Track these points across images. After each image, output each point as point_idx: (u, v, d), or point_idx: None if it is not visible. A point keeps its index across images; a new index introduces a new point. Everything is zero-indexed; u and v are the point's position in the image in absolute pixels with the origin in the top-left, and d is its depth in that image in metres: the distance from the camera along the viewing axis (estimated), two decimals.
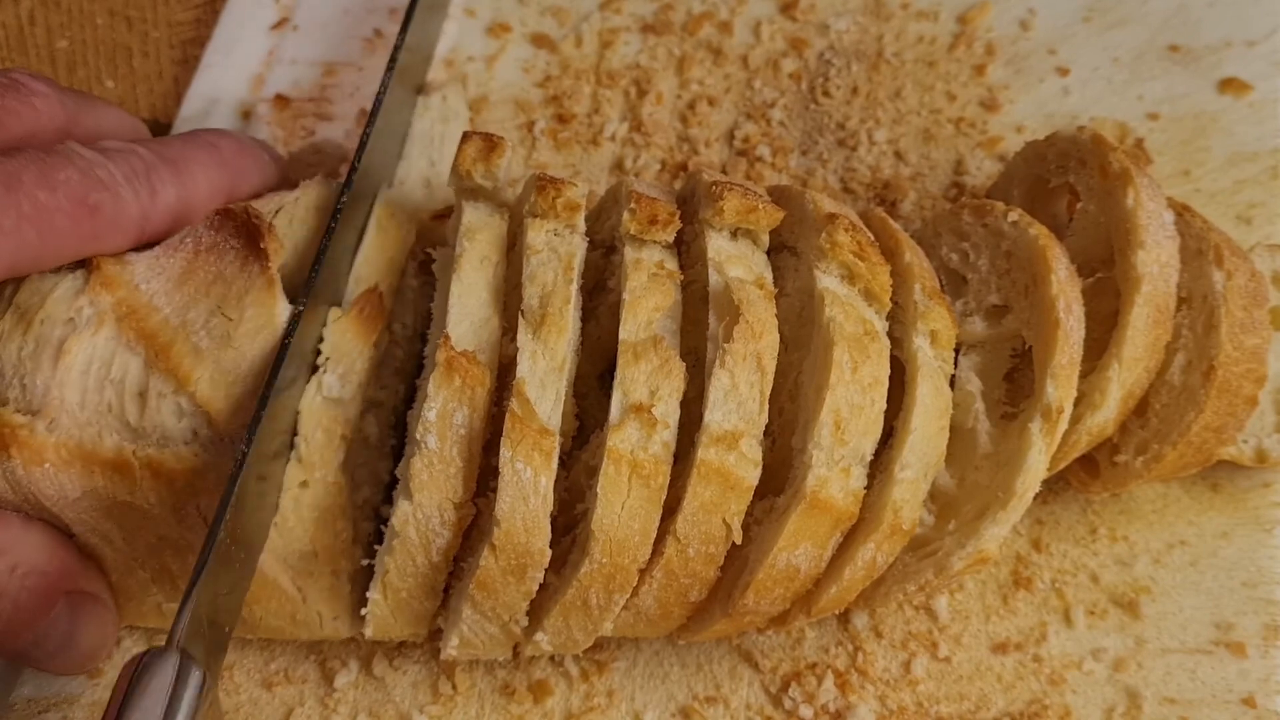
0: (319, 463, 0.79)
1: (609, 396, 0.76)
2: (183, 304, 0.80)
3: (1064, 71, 1.13)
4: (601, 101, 1.16)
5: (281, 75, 1.20)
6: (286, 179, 0.97)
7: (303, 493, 0.79)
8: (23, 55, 1.26)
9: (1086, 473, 0.90)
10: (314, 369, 0.82)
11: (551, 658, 0.90)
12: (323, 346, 0.81)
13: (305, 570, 0.81)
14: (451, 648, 0.81)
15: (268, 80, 1.20)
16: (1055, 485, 0.92)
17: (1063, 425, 0.80)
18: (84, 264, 0.81)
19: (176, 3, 1.29)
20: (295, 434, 0.79)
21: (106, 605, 0.86)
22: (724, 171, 1.11)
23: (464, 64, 1.19)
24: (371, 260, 0.89)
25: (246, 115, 1.18)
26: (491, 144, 0.86)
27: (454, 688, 0.89)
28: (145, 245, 0.84)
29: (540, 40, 1.20)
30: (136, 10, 1.29)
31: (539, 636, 0.80)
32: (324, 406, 0.80)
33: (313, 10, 1.24)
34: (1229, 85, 1.09)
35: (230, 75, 1.20)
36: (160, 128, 1.16)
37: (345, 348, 0.82)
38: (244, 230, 0.82)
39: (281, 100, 1.18)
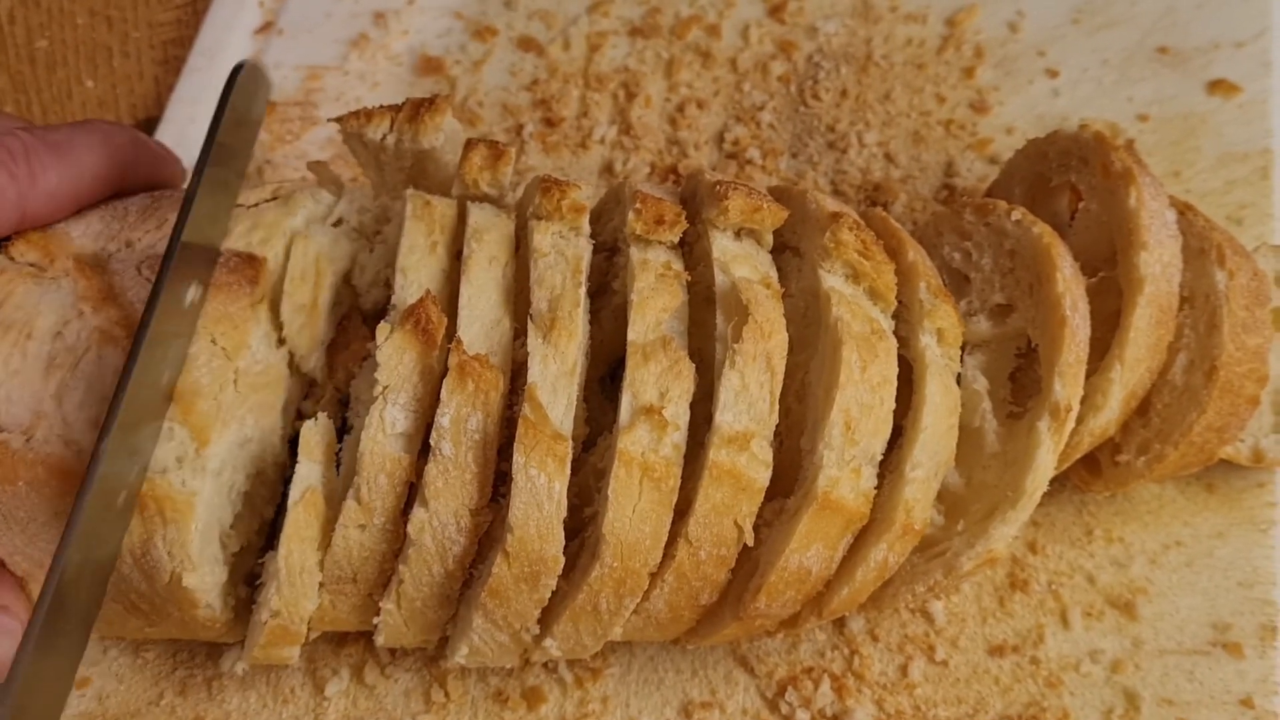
0: (380, 510, 0.75)
1: (612, 399, 0.75)
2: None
3: (1053, 73, 1.13)
4: (590, 105, 1.16)
5: None
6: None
7: (359, 534, 0.75)
8: (1, 54, 1.24)
9: (1088, 472, 0.90)
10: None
11: (545, 664, 0.89)
12: (379, 374, 0.75)
13: (338, 590, 0.78)
14: (460, 656, 0.80)
15: None
16: (1051, 487, 0.91)
17: (1070, 423, 0.80)
18: (68, 274, 0.80)
19: (157, 3, 1.28)
20: (356, 474, 0.75)
21: (14, 617, 0.83)
22: None
23: (451, 68, 1.18)
24: (415, 259, 0.82)
25: None
26: (498, 153, 0.85)
27: (446, 695, 0.89)
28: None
29: (527, 44, 1.20)
30: (117, 10, 1.28)
31: (548, 642, 0.79)
32: (389, 446, 0.75)
33: (297, 14, 1.24)
34: (1218, 86, 1.09)
35: (215, 79, 1.18)
36: (142, 128, 1.15)
37: (405, 371, 0.76)
38: (254, 276, 0.80)
39: (267, 105, 1.17)
